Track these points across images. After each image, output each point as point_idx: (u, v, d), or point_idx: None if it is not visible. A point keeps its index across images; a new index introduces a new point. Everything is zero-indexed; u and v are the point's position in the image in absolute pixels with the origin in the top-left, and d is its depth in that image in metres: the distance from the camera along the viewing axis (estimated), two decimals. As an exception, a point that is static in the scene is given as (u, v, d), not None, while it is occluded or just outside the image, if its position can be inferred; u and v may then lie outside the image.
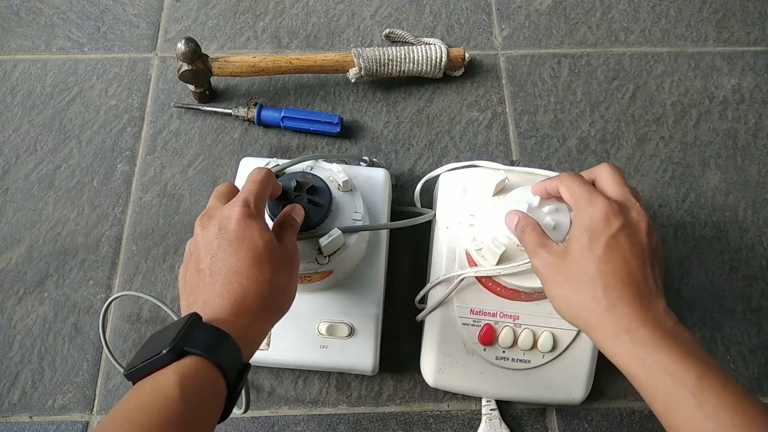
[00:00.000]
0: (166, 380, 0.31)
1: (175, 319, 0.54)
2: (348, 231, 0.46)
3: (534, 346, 0.49)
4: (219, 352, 0.33)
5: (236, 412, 0.48)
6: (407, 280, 0.57)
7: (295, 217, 0.43)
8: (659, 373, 0.34)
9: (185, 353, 0.32)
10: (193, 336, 0.33)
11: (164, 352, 0.32)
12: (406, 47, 0.65)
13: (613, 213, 0.38)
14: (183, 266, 0.40)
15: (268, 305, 0.37)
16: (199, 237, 0.38)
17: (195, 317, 0.34)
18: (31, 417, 0.53)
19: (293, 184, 0.46)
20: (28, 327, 0.56)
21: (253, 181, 0.41)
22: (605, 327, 0.36)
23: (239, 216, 0.38)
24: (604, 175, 0.41)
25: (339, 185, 0.48)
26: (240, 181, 0.54)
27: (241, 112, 0.64)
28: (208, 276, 0.37)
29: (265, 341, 0.50)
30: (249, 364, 0.36)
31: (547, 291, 0.40)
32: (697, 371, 0.33)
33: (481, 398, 0.52)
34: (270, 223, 0.46)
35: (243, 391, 0.46)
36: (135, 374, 0.32)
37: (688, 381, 0.33)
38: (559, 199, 0.43)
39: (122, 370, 0.54)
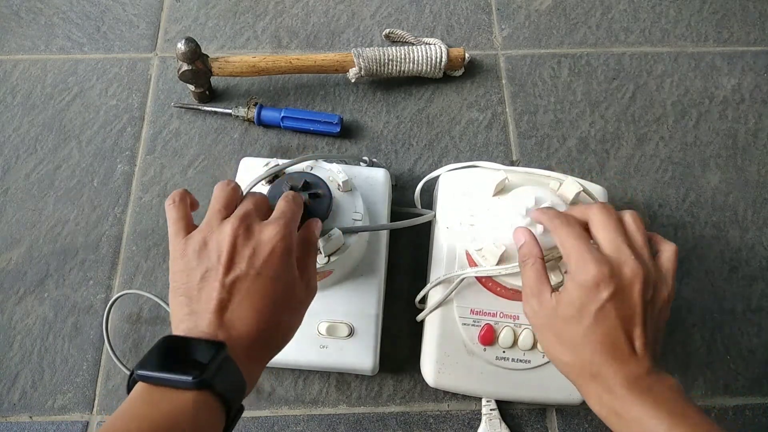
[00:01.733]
0: (183, 407, 0.31)
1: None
2: (348, 231, 0.46)
3: (534, 346, 0.49)
4: (236, 399, 0.33)
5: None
6: (407, 280, 0.57)
7: (317, 234, 0.42)
8: (633, 428, 0.36)
9: (208, 387, 0.32)
10: (221, 375, 0.32)
11: (192, 380, 0.31)
12: (406, 47, 0.65)
13: (603, 281, 0.38)
14: (196, 255, 0.37)
15: (274, 350, 0.38)
16: (228, 242, 0.36)
17: (226, 354, 0.33)
18: (31, 417, 0.53)
19: (293, 184, 0.46)
20: (28, 327, 0.56)
21: (290, 203, 0.40)
22: (590, 389, 0.38)
23: (281, 252, 0.37)
24: (596, 220, 0.41)
25: (339, 185, 0.48)
26: (240, 181, 0.54)
27: (241, 112, 0.64)
28: (233, 295, 0.35)
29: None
30: (243, 407, 0.36)
31: (538, 338, 0.43)
32: (667, 423, 0.35)
33: (481, 398, 0.52)
34: None
35: None
36: (148, 381, 0.32)
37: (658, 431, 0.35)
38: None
39: (125, 370, 0.54)
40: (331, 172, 0.49)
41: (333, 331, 0.49)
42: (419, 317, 0.52)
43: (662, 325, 0.40)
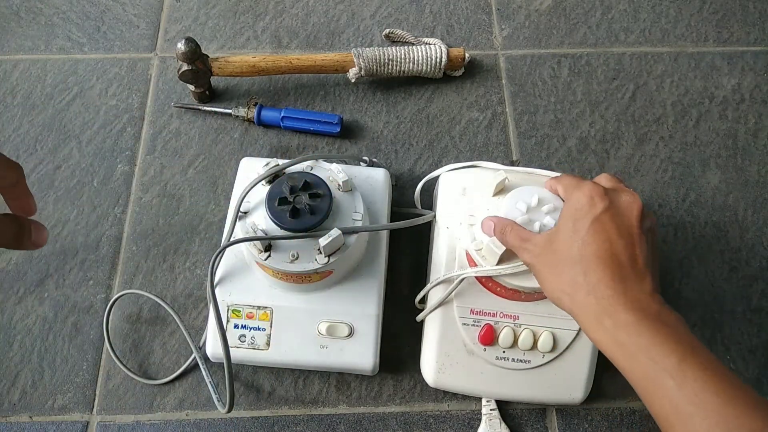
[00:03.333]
0: None
1: (176, 318, 0.54)
2: (348, 231, 0.46)
3: (534, 346, 0.49)
4: None
5: (220, 410, 0.48)
6: (407, 280, 0.57)
7: None
8: (639, 357, 0.33)
9: None
10: None
11: None
12: (406, 47, 0.65)
13: (598, 194, 0.37)
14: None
15: None
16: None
17: None
18: (31, 417, 0.53)
19: (293, 184, 0.46)
20: (28, 327, 0.56)
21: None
22: (588, 311, 0.36)
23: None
24: (601, 177, 0.43)
25: (339, 185, 0.48)
26: (240, 181, 0.54)
27: (241, 112, 0.64)
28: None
29: (264, 341, 0.50)
30: None
31: (538, 281, 0.40)
32: (678, 354, 0.32)
33: (481, 398, 0.52)
34: (267, 220, 0.46)
35: (227, 390, 0.46)
36: None
37: (668, 364, 0.32)
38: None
39: (125, 370, 0.54)
40: (331, 172, 0.49)
41: (333, 331, 0.49)
42: (419, 317, 0.52)
43: (657, 266, 0.38)
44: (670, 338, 0.33)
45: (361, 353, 0.50)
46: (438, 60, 0.65)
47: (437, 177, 0.56)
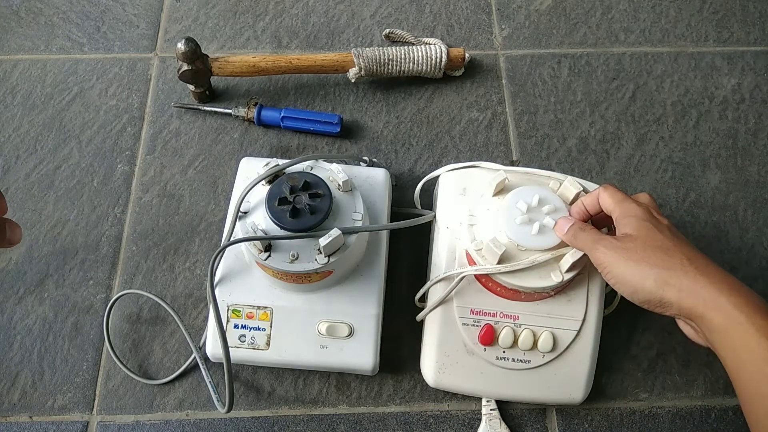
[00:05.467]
0: None
1: (176, 318, 0.54)
2: (348, 231, 0.46)
3: (534, 346, 0.49)
4: None
5: (220, 410, 0.48)
6: (407, 280, 0.57)
7: None
8: (735, 315, 0.36)
9: None
10: None
11: None
12: (406, 47, 0.65)
13: (655, 212, 0.43)
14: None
15: None
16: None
17: None
18: (31, 417, 0.53)
19: (293, 184, 0.46)
20: (28, 327, 0.56)
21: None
22: (701, 292, 0.38)
23: None
24: (606, 197, 0.45)
25: (339, 185, 0.48)
26: (240, 181, 0.54)
27: (241, 112, 0.64)
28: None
29: (264, 341, 0.50)
30: None
31: (618, 273, 0.41)
32: None
33: (481, 398, 0.52)
34: (267, 220, 0.46)
35: (227, 390, 0.46)
36: None
37: (763, 323, 0.35)
38: (597, 216, 0.46)
39: (125, 370, 0.54)
40: (331, 172, 0.49)
41: (333, 331, 0.49)
42: (419, 317, 0.52)
43: None
44: (763, 305, 0.36)
45: (361, 353, 0.50)
46: (438, 60, 0.65)
47: (437, 177, 0.56)
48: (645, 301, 0.40)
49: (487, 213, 0.48)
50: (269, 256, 0.45)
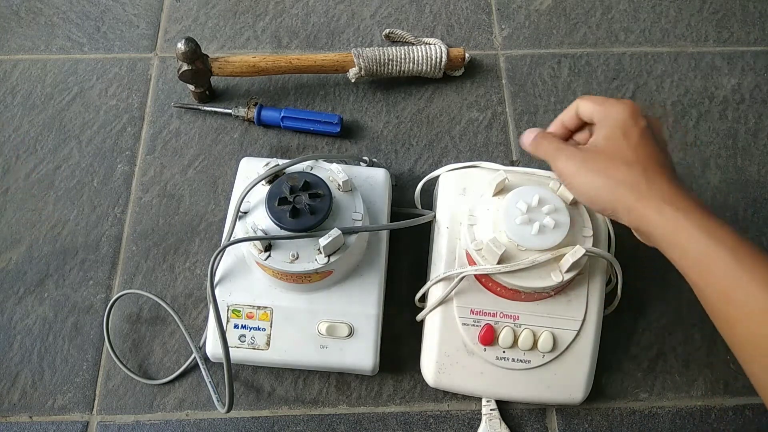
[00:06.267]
0: None
1: (176, 318, 0.54)
2: (348, 231, 0.46)
3: (534, 346, 0.49)
4: None
5: (220, 410, 0.48)
6: (407, 280, 0.57)
7: None
8: (699, 236, 0.36)
9: None
10: None
11: None
12: (406, 47, 0.65)
13: (638, 112, 0.41)
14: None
15: None
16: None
17: None
18: (31, 417, 0.53)
19: (293, 184, 0.46)
20: (28, 327, 0.56)
21: None
22: (647, 203, 0.38)
23: None
24: (586, 103, 0.44)
25: (339, 185, 0.48)
26: (240, 181, 0.54)
27: (241, 112, 0.64)
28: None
29: (264, 341, 0.50)
30: None
31: (576, 183, 0.41)
32: (735, 238, 0.36)
33: (481, 398, 0.52)
34: (267, 220, 0.46)
35: (227, 390, 0.46)
36: None
37: (727, 241, 0.35)
38: (578, 128, 0.45)
39: (125, 370, 0.54)
40: (331, 172, 0.49)
41: (333, 331, 0.49)
42: (419, 317, 0.52)
43: None
44: (726, 224, 0.37)
45: (361, 353, 0.50)
46: (438, 60, 0.65)
47: (437, 177, 0.56)
48: (600, 211, 0.42)
49: (487, 213, 0.48)
50: (269, 256, 0.45)
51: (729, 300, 0.36)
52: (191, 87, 0.65)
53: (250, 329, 0.50)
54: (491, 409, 0.52)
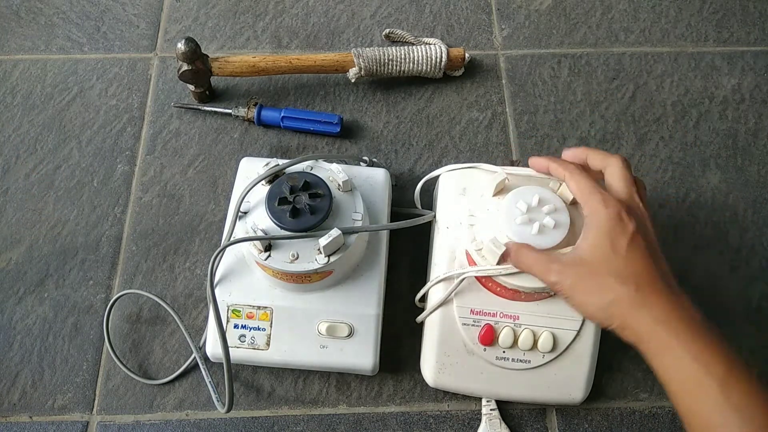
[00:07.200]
0: None
1: (176, 318, 0.54)
2: (348, 231, 0.46)
3: (534, 346, 0.49)
4: None
5: (220, 410, 0.48)
6: (407, 280, 0.57)
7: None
8: (688, 362, 0.35)
9: None
10: None
11: None
12: (406, 47, 0.65)
13: (626, 215, 0.39)
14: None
15: None
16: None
17: None
18: (31, 417, 0.53)
19: (293, 184, 0.46)
20: (28, 327, 0.56)
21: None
22: (641, 322, 0.37)
23: None
24: (616, 170, 0.43)
25: (339, 185, 0.48)
26: (240, 181, 0.54)
27: (241, 112, 0.64)
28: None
29: (264, 341, 0.50)
30: None
31: (574, 299, 0.41)
32: (725, 364, 0.34)
33: (481, 398, 0.52)
34: (267, 220, 0.46)
35: (227, 390, 0.46)
36: None
37: (716, 371, 0.34)
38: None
39: (125, 370, 0.54)
40: (331, 172, 0.49)
41: (333, 331, 0.49)
42: (419, 318, 0.52)
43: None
44: (717, 348, 0.35)
45: (361, 353, 0.50)
46: (438, 60, 0.65)
47: (437, 177, 0.56)
48: (597, 323, 0.42)
49: (487, 213, 0.48)
50: (269, 256, 0.45)
51: (710, 424, 0.35)
52: (191, 87, 0.65)
53: (250, 329, 0.50)
54: (491, 409, 0.52)
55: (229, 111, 0.65)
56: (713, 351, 0.35)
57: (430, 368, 0.51)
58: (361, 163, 0.59)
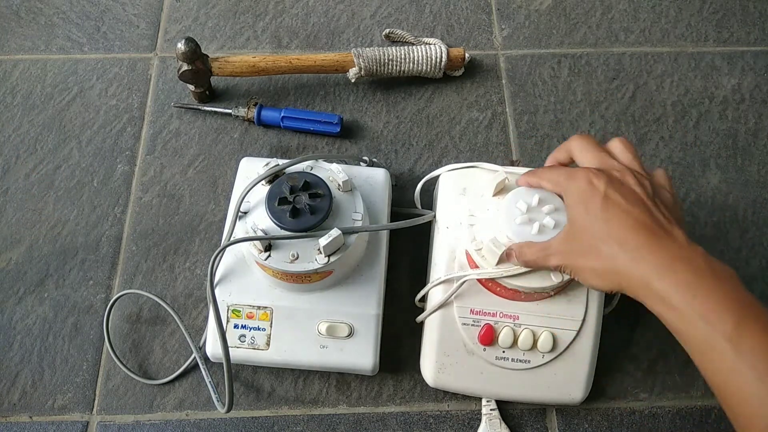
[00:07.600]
0: None
1: (176, 318, 0.54)
2: (348, 231, 0.46)
3: (534, 346, 0.49)
4: None
5: (220, 410, 0.48)
6: (407, 280, 0.57)
7: None
8: (695, 321, 0.34)
9: None
10: None
11: None
12: (406, 47, 0.65)
13: (594, 176, 0.39)
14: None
15: None
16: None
17: None
18: (31, 417, 0.53)
19: (293, 184, 0.46)
20: (28, 327, 0.56)
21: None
22: (635, 280, 0.36)
23: None
24: (576, 146, 0.43)
25: (339, 185, 0.48)
26: (240, 181, 0.54)
27: (241, 112, 0.64)
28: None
29: (264, 341, 0.50)
30: None
31: (579, 276, 0.40)
32: (735, 318, 0.32)
33: (481, 398, 0.52)
34: (267, 220, 0.46)
35: (227, 390, 0.46)
36: None
37: (725, 329, 0.32)
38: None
39: (125, 370, 0.54)
40: (331, 172, 0.49)
41: (333, 331, 0.49)
42: (419, 319, 0.52)
43: (676, 214, 0.39)
44: (725, 299, 0.33)
45: (361, 353, 0.50)
46: (438, 60, 0.65)
47: (437, 177, 0.56)
48: (608, 292, 0.40)
49: (487, 213, 0.48)
50: (269, 256, 0.45)
51: (727, 389, 0.34)
52: (191, 87, 0.65)
53: (250, 329, 0.50)
54: (491, 409, 0.52)
55: (229, 111, 0.65)
56: (720, 304, 0.33)
57: (430, 368, 0.51)
58: (361, 163, 0.59)
